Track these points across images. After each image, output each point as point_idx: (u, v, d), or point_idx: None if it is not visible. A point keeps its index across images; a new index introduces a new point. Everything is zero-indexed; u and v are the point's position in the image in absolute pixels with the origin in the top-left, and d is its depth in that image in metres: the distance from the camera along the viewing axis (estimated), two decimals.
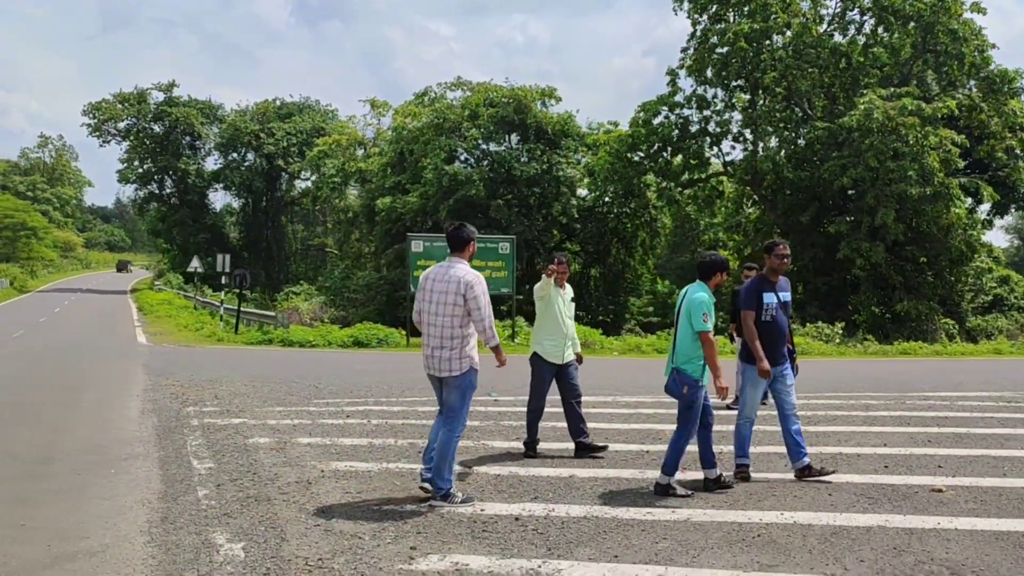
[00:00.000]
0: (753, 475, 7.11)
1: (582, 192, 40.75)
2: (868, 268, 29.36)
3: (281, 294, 52.49)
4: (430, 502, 6.24)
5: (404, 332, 25.61)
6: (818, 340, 25.27)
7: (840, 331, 26.87)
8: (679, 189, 38.73)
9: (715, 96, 36.04)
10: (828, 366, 19.41)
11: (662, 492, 6.54)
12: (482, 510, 6.16)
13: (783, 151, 34.44)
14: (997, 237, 70.68)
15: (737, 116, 36.50)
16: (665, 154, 36.57)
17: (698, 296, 6.59)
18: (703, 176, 38.64)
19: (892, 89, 30.61)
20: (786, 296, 7.16)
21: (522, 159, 38.23)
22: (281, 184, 68.81)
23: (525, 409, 8.35)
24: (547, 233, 40.32)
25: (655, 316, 48.64)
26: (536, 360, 8.17)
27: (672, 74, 35.93)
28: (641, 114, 35.75)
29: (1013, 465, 7.70)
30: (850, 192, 30.73)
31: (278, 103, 66.68)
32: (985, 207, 37.73)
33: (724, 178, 38.97)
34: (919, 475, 7.29)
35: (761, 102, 35.51)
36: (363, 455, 8.19)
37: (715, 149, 37.06)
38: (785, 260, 7.10)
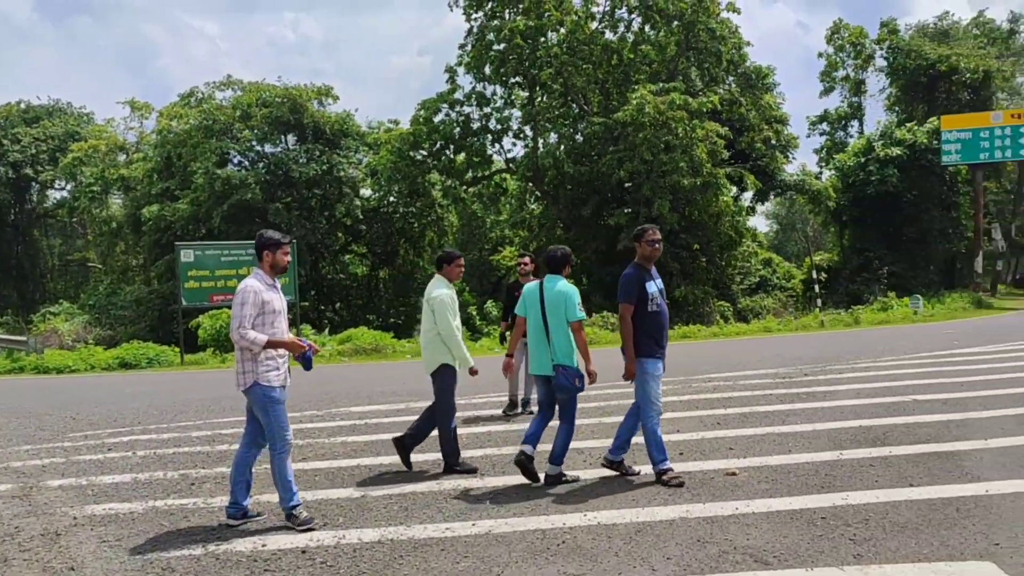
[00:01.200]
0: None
1: (366, 192, 39.74)
2: None
3: (37, 315, 47.53)
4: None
5: (178, 349, 23.59)
6: (605, 329, 25.74)
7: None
8: (464, 187, 38.56)
9: (494, 93, 36.11)
10: (616, 354, 19.60)
11: (553, 482, 6.74)
12: (264, 545, 5.43)
13: (562, 147, 35.00)
14: (759, 222, 76.18)
15: (517, 113, 36.81)
16: (448, 152, 36.22)
17: (565, 287, 6.70)
18: (487, 173, 38.67)
19: (661, 85, 31.85)
20: (660, 285, 6.87)
21: (300, 160, 36.66)
22: (32, 195, 62.38)
23: (438, 430, 7.46)
24: (331, 236, 39.02)
25: None
26: (450, 371, 7.37)
27: (451, 71, 35.64)
28: (422, 112, 35.20)
29: (796, 441, 7.91)
30: (627, 185, 31.67)
31: (23, 106, 60.40)
32: (748, 195, 40.33)
33: (507, 175, 39.22)
34: (713, 459, 7.37)
35: (539, 99, 35.99)
36: (126, 494, 7.12)
37: (497, 146, 37.16)
38: (657, 246, 6.68)
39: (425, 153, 35.88)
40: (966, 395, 10.19)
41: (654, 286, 6.64)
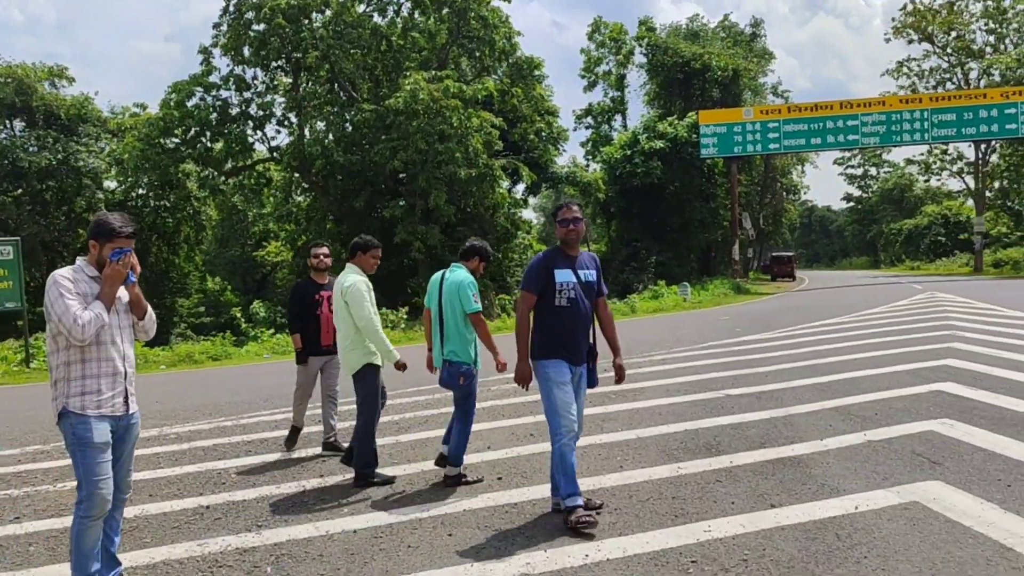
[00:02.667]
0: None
1: (110, 184, 35.74)
2: (425, 251, 29.25)
3: None
4: None
5: None
6: (397, 330, 24.31)
7: (404, 315, 26.29)
8: (223, 178, 35.58)
9: (255, 77, 33.49)
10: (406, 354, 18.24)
11: (454, 483, 6.33)
12: None
13: (331, 135, 32.95)
14: (527, 215, 77.46)
15: (280, 99, 34.39)
16: (204, 139, 33.07)
17: (462, 276, 6.33)
18: (248, 163, 35.83)
19: (433, 72, 30.74)
20: (589, 275, 5.42)
21: (30, 148, 32.27)
22: None
23: (358, 439, 6.58)
24: (71, 233, 34.77)
25: (208, 316, 45.03)
26: (374, 371, 6.62)
27: (205, 52, 32.58)
28: (174, 95, 31.90)
29: (624, 453, 6.84)
30: (402, 175, 30.35)
31: None
32: (521, 187, 40.19)
33: (271, 164, 36.61)
34: (539, 483, 6.02)
35: (304, 84, 33.80)
36: None
37: (259, 133, 34.45)
38: (571, 226, 5.26)
39: (178, 140, 32.61)
40: (775, 387, 9.76)
41: (570, 275, 5.28)
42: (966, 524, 4.77)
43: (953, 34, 54.00)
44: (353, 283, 6.47)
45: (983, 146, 49.73)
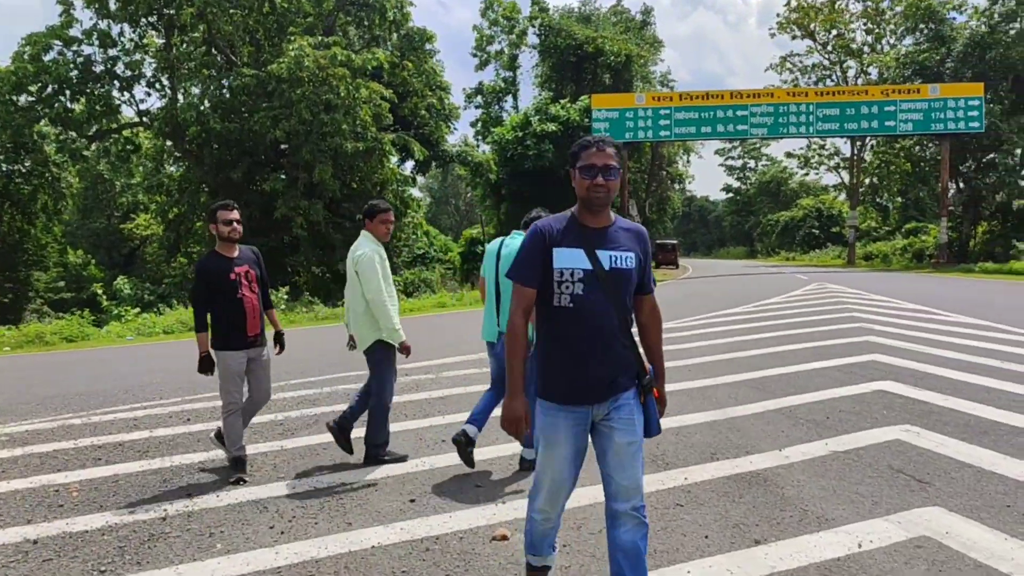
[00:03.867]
0: None
1: None
2: (307, 227, 27.57)
3: None
4: None
5: None
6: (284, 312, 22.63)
7: (285, 296, 24.65)
8: (85, 142, 32.69)
9: (122, 34, 30.75)
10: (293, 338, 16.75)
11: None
12: None
13: (207, 100, 30.62)
14: (417, 194, 76.12)
15: (151, 59, 31.75)
16: (63, 98, 30.15)
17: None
18: (114, 127, 33.01)
19: (320, 38, 28.96)
20: (622, 259, 3.31)
21: None
22: None
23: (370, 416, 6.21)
24: None
25: (68, 292, 41.88)
26: (387, 346, 6.18)
27: (66, 3, 29.71)
28: (28, 48, 28.95)
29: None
30: (284, 147, 28.51)
31: None
32: (410, 164, 38.79)
33: (141, 130, 33.91)
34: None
35: (178, 44, 31.30)
36: None
37: (127, 95, 31.76)
38: (601, 179, 3.32)
39: (32, 98, 29.66)
40: (705, 384, 8.94)
41: (579, 258, 3.18)
42: (1003, 571, 3.93)
43: (834, 32, 55.51)
44: (365, 253, 6.03)
45: (858, 143, 51.27)
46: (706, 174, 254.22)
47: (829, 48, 56.23)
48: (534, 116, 42.23)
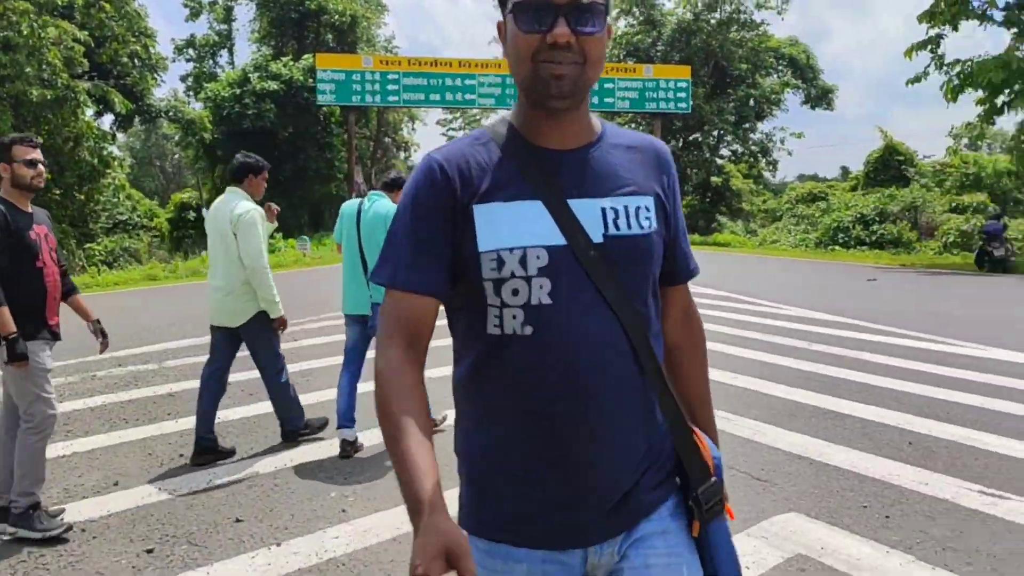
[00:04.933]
0: None
1: None
2: None
3: None
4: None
5: None
6: None
7: None
8: None
9: None
10: None
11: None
12: None
13: None
14: (118, 153, 69.19)
15: None
16: None
17: (389, 207, 5.56)
18: None
19: None
20: (623, 208, 1.52)
21: None
22: None
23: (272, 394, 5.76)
24: None
25: None
26: (265, 318, 5.58)
27: None
28: None
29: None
30: None
31: None
32: (109, 119, 34.50)
33: None
34: None
35: None
36: None
37: None
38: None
39: None
40: None
41: (537, 221, 1.47)
42: None
43: None
44: (247, 212, 5.39)
45: None
46: (429, 144, 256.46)
47: None
48: (253, 73, 39.38)
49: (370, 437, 5.71)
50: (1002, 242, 21.34)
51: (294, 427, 5.80)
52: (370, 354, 5.62)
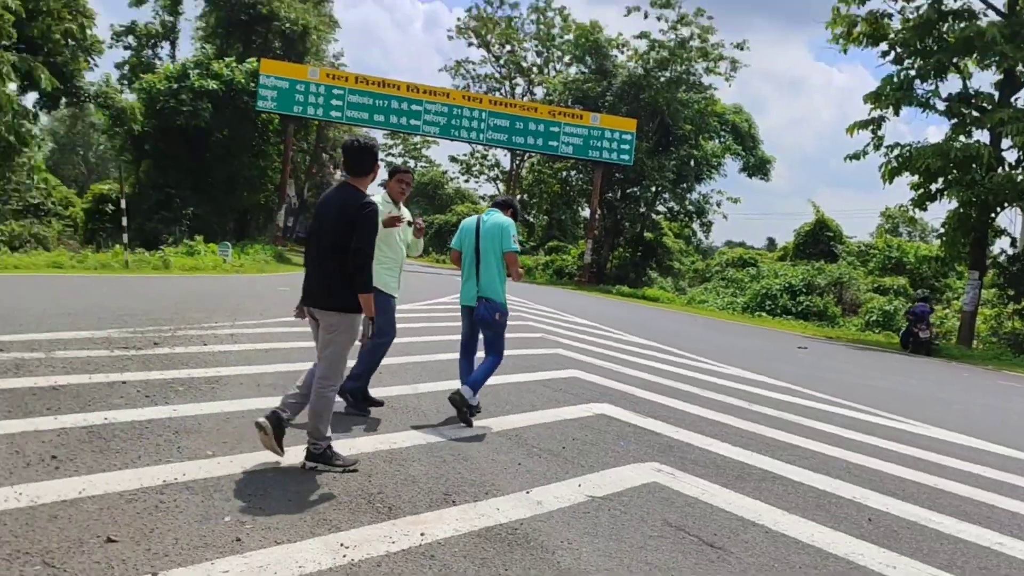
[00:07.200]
0: None
1: None
2: None
3: None
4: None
5: None
6: None
7: None
8: None
9: None
10: None
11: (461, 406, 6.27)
12: None
13: None
14: (39, 133, 66.16)
15: None
16: None
17: (502, 219, 6.64)
18: None
19: None
20: None
21: None
22: None
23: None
24: None
25: None
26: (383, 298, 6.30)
27: None
28: None
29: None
30: None
31: None
32: (33, 97, 32.71)
33: None
34: None
35: None
36: None
37: None
38: None
39: None
40: (404, 392, 7.32)
41: None
42: None
43: (508, 48, 57.30)
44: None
45: (519, 158, 53.11)
46: None
47: (502, 62, 57.94)
48: (194, 69, 38.08)
49: (292, 455, 4.98)
50: (928, 325, 21.58)
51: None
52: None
